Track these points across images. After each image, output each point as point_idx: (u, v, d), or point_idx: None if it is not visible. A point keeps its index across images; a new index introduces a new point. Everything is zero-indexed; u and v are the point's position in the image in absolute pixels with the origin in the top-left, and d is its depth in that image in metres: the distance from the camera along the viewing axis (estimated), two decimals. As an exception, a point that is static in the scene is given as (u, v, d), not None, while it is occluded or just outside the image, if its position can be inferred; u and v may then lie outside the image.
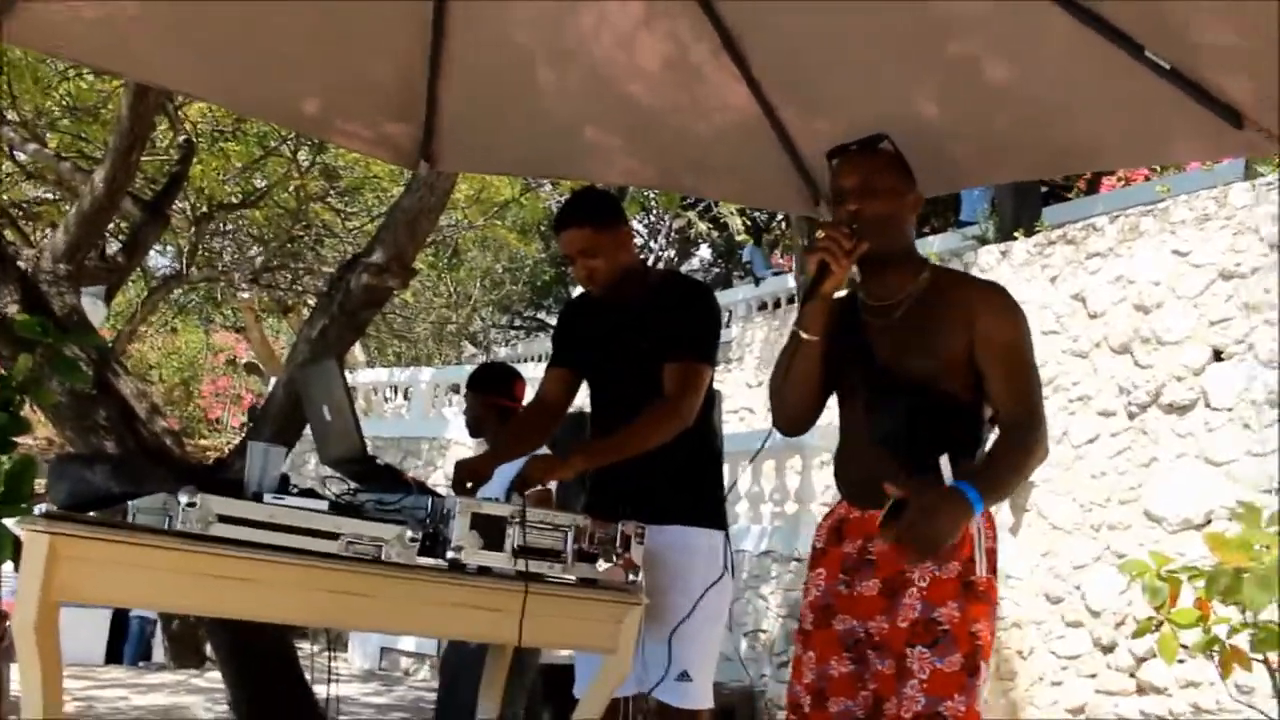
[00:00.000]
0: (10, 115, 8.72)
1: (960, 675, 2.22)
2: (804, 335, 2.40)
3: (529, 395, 3.80)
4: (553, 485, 3.86)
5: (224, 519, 2.14)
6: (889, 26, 2.74)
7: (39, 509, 2.26)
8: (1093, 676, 6.47)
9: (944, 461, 2.23)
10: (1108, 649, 6.42)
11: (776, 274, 15.23)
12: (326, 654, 3.05)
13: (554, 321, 3.36)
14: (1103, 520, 6.69)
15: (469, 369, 14.67)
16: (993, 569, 2.32)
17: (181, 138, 7.62)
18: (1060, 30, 2.48)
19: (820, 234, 2.36)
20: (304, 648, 5.50)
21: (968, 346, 2.35)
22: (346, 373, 14.38)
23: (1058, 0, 2.42)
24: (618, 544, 2.49)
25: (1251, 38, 2.30)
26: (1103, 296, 7.05)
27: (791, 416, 2.54)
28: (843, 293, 2.54)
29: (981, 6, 2.60)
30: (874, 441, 2.41)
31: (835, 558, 2.44)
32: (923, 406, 2.34)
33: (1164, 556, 4.43)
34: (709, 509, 2.96)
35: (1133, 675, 6.23)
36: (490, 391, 4.28)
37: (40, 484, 3.12)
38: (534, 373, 12.45)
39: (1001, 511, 7.13)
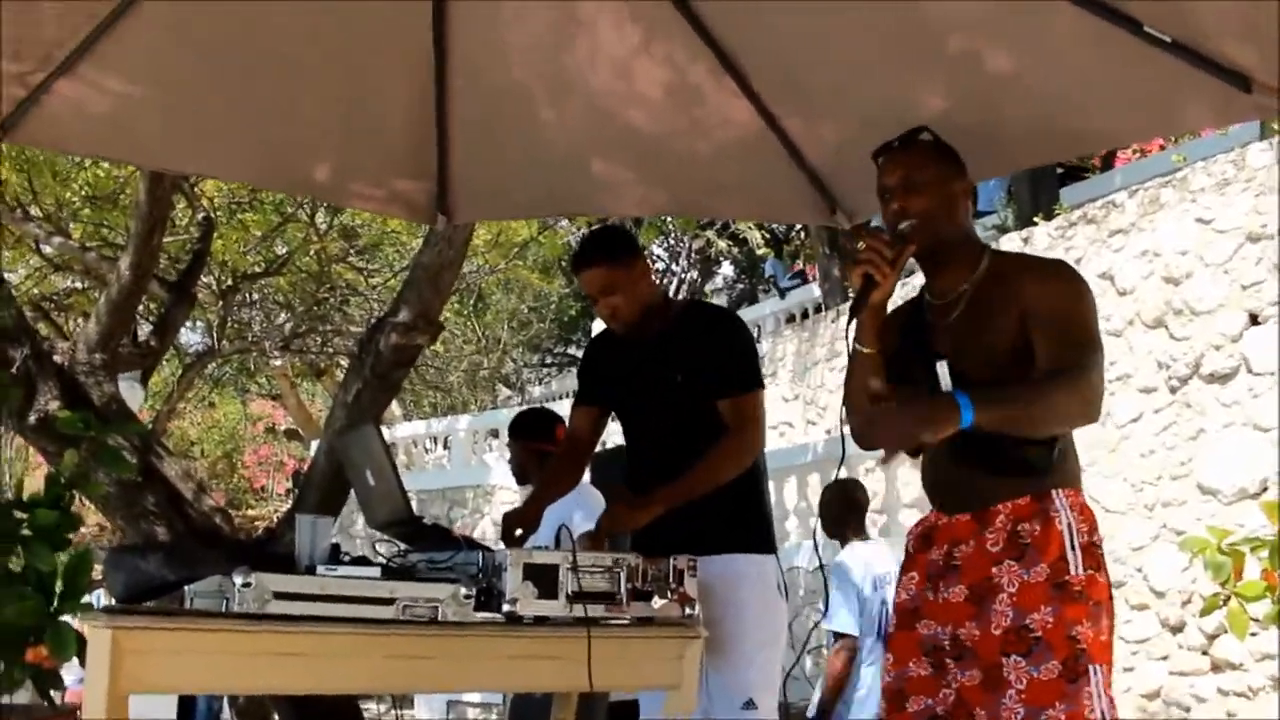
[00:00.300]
0: (33, 210, 8.87)
1: (1059, 683, 2.12)
2: (861, 349, 2.34)
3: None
4: None
5: (280, 595, 2.15)
6: (884, 27, 2.74)
7: (96, 595, 2.28)
8: (1164, 658, 6.38)
9: (941, 367, 2.18)
10: (1177, 629, 6.33)
11: (793, 277, 15.17)
12: (393, 712, 3.06)
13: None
14: (1156, 498, 6.61)
15: (506, 413, 14.75)
16: (1094, 564, 2.20)
17: (200, 215, 7.72)
18: (1058, 15, 2.47)
19: (861, 245, 2.30)
20: (370, 707, 5.51)
21: (1019, 325, 2.24)
22: (384, 429, 14.43)
23: (1051, -12, 2.42)
24: (671, 579, 2.48)
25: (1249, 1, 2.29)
26: (1130, 273, 6.99)
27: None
28: (914, 292, 2.51)
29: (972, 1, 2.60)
30: (941, 447, 2.31)
31: (923, 563, 2.37)
32: None
33: (1223, 530, 4.36)
34: (756, 534, 2.95)
35: (1205, 653, 6.14)
36: (532, 437, 4.29)
37: (97, 569, 3.16)
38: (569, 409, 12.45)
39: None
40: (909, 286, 8.54)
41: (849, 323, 2.35)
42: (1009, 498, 2.24)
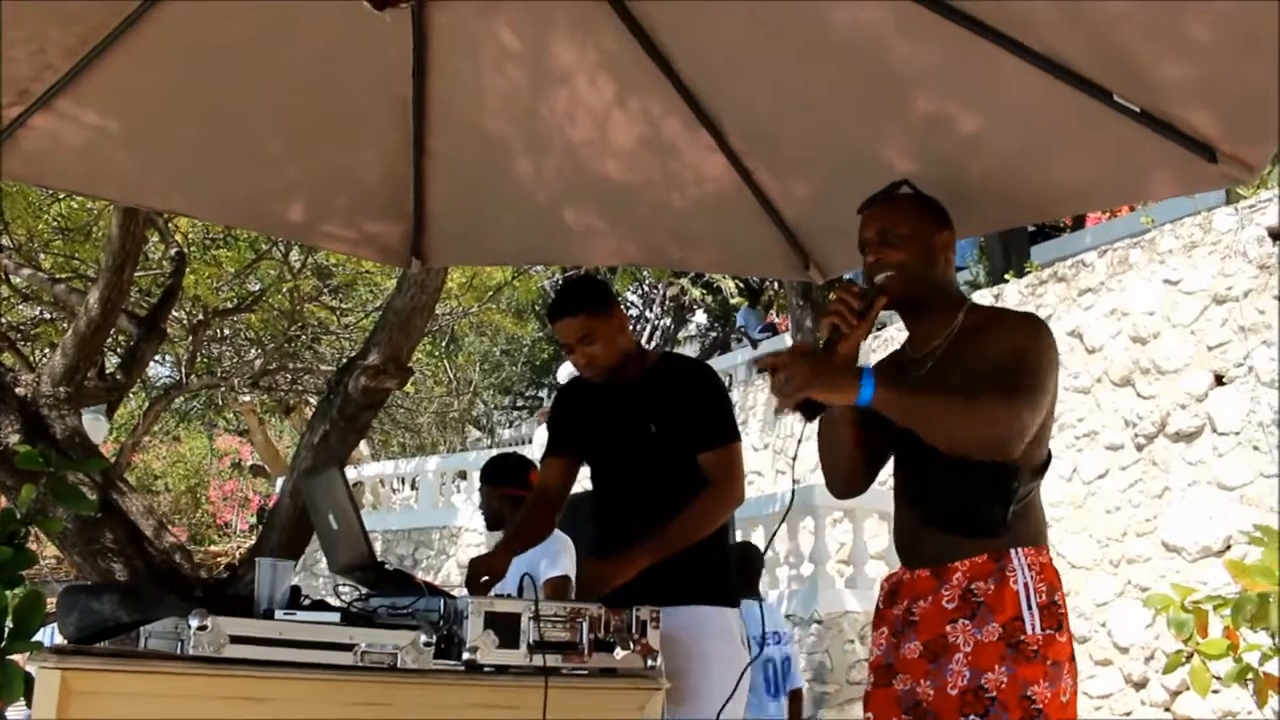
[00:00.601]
0: (4, 241, 8.81)
1: None
2: None
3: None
4: (571, 573, 3.84)
5: (236, 639, 2.12)
6: (857, 87, 2.78)
7: (49, 630, 2.23)
8: (1127, 714, 6.38)
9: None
10: (1140, 685, 6.34)
11: (764, 329, 15.23)
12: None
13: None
14: (1121, 554, 6.64)
15: (475, 455, 14.67)
16: (1054, 624, 2.18)
17: (173, 250, 7.68)
18: (1026, 80, 2.51)
19: (832, 296, 2.29)
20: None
21: (987, 375, 2.21)
22: (352, 468, 14.27)
23: (1020, 53, 2.45)
24: (634, 630, 2.46)
25: (1211, 71, 2.33)
26: (1099, 331, 7.07)
27: (839, 482, 2.49)
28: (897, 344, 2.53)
29: (944, 62, 2.63)
30: (902, 498, 2.37)
31: (890, 619, 2.37)
32: (940, 457, 2.20)
33: (1186, 588, 4.39)
34: (719, 586, 2.95)
35: (1168, 710, 6.15)
36: (505, 483, 4.25)
37: (51, 602, 3.11)
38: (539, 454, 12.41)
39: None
40: (879, 339, 8.59)
41: None
42: (967, 555, 2.23)
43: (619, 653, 2.45)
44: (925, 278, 2.35)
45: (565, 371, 17.14)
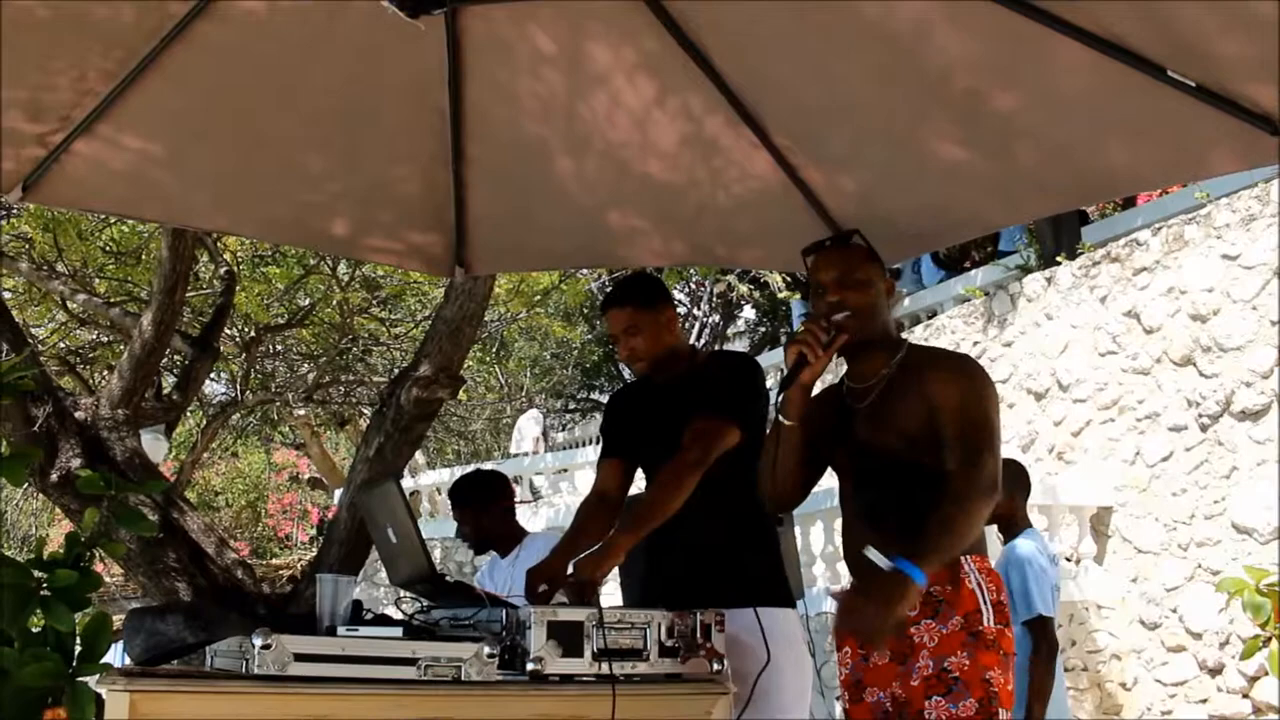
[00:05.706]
0: (59, 267, 8.95)
1: None
2: (784, 421, 2.52)
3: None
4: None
5: (300, 657, 2.12)
6: (902, 77, 2.74)
7: (117, 648, 2.25)
8: (1204, 701, 6.25)
9: (870, 552, 2.34)
10: (1215, 671, 6.20)
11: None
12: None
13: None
14: (1190, 538, 6.50)
15: (529, 460, 14.66)
16: (1003, 620, 2.42)
17: (223, 269, 7.75)
18: (1076, 61, 2.46)
19: (801, 327, 2.49)
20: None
21: (928, 417, 2.44)
22: (408, 478, 14.31)
23: (1069, 32, 2.40)
24: (698, 635, 2.44)
25: (1270, 43, 2.26)
26: (1156, 310, 6.93)
27: (777, 497, 2.64)
28: (834, 379, 2.72)
29: (990, 47, 2.59)
30: (858, 518, 2.56)
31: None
32: (894, 482, 2.47)
33: (1260, 570, 4.27)
34: (770, 587, 2.89)
35: (1246, 696, 6.01)
36: (478, 501, 4.08)
37: (118, 619, 3.13)
38: (594, 456, 12.39)
39: (1084, 541, 6.96)
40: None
41: (777, 396, 2.54)
42: None
43: (684, 658, 2.43)
44: (874, 320, 2.54)
45: (525, 420, 17.09)
